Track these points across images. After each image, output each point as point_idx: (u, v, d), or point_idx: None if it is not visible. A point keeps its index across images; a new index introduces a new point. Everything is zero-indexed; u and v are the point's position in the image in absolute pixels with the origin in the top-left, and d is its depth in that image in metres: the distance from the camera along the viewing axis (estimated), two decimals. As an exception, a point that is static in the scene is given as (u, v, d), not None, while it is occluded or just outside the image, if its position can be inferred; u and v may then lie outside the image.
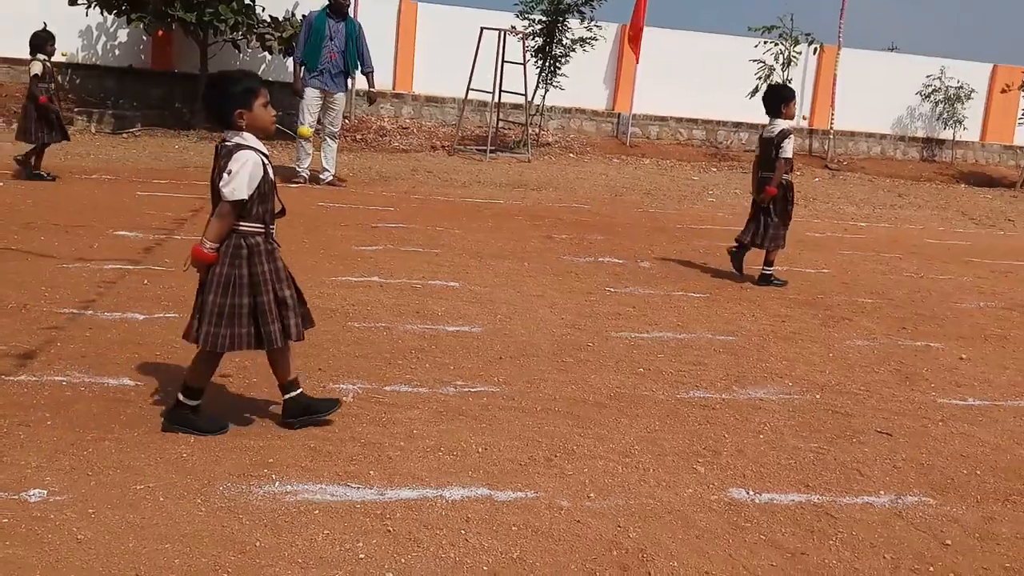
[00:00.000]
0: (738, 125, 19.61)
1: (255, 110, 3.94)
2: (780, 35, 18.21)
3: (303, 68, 11.19)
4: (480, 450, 4.10)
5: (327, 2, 11.23)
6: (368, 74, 11.53)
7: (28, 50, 9.96)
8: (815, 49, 19.40)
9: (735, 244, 8.27)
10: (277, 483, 3.65)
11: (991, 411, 5.23)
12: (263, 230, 3.98)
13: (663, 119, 19.51)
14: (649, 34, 18.55)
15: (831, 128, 19.75)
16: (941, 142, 21.42)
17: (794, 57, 18.33)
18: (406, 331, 5.74)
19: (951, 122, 20.93)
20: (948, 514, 3.85)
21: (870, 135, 20.93)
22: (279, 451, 3.93)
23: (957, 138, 21.28)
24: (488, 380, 5.01)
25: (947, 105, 20.86)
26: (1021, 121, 20.64)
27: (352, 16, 16.29)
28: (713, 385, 5.28)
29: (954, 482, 4.19)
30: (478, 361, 5.31)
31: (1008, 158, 21.63)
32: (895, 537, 3.61)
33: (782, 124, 7.97)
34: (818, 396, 5.22)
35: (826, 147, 19.84)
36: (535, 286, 7.21)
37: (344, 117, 12.54)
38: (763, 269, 8.14)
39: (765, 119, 8.10)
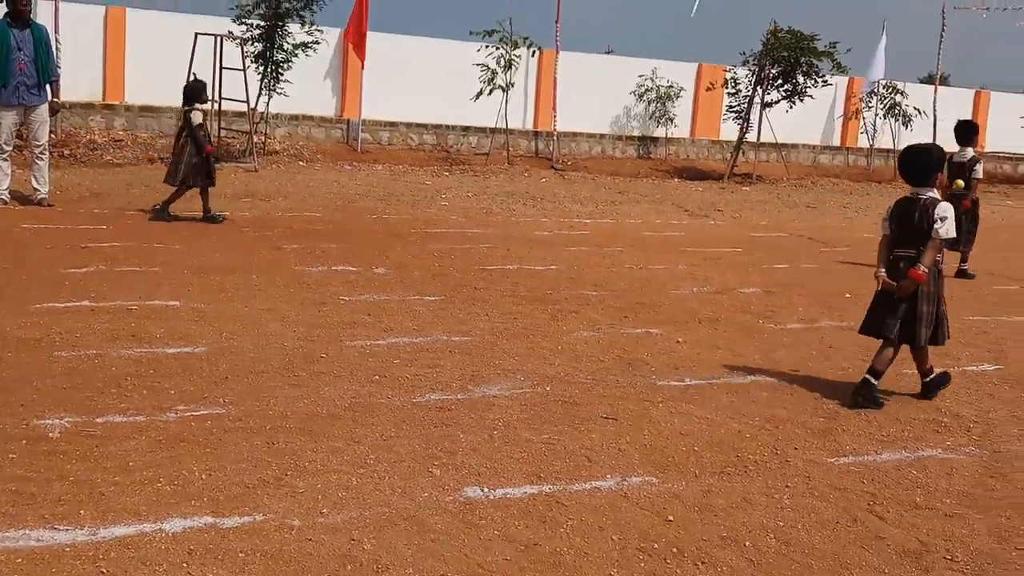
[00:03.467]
0: (467, 129, 19.96)
1: (943, 171, 5.72)
2: (500, 39, 18.69)
3: None
4: (204, 476, 3.88)
5: (7, 10, 10.36)
6: (52, 83, 10.72)
7: (182, 100, 10.49)
8: (534, 52, 20.06)
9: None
10: (-29, 535, 3.29)
11: (706, 389, 5.56)
12: (942, 257, 5.58)
13: (394, 124, 19.54)
14: (373, 39, 18.51)
15: (554, 129, 20.50)
16: (655, 139, 22.77)
17: (514, 60, 18.88)
18: (120, 357, 5.37)
19: (663, 120, 22.32)
20: (670, 491, 4.04)
21: (591, 135, 21.93)
22: (-27, 500, 3.54)
23: (670, 135, 22.70)
24: (213, 402, 4.77)
25: (659, 104, 22.24)
26: (725, 117, 22.31)
27: (53, 22, 15.28)
28: (448, 386, 5.29)
29: (674, 460, 4.41)
30: (201, 383, 5.05)
31: (716, 152, 23.32)
32: (622, 518, 3.74)
33: (971, 151, 10.20)
34: (548, 388, 5.35)
35: (551, 148, 20.58)
36: (264, 300, 6.97)
37: (50, 132, 11.60)
38: (960, 266, 10.20)
39: (491, 123, 8.29)
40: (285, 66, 16.52)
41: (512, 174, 18.07)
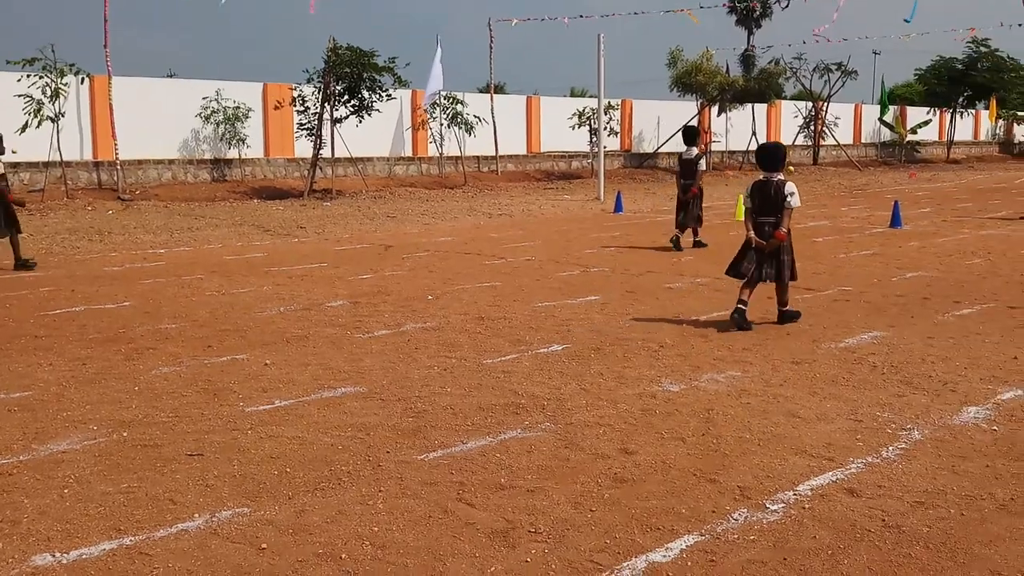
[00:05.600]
0: (16, 165, 18.13)
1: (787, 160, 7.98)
2: (44, 67, 17.26)
3: None
4: None
5: None
6: None
7: None
8: (83, 79, 18.74)
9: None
10: None
11: (297, 408, 5.46)
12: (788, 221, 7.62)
13: (-76, 166, 17.30)
14: None
15: (117, 158, 19.28)
16: (229, 161, 22.24)
17: (62, 89, 17.51)
18: None
19: (235, 141, 21.86)
20: (263, 518, 3.90)
21: (159, 162, 20.93)
22: None
23: (243, 156, 22.29)
24: None
25: (228, 125, 21.74)
26: (298, 135, 22.32)
27: None
28: (8, 449, 4.74)
29: (266, 485, 4.27)
30: None
31: (293, 170, 23.25)
32: (212, 556, 3.55)
33: (695, 150, 12.49)
34: (125, 434, 4.97)
35: (115, 178, 19.34)
36: None
37: None
38: (695, 239, 12.73)
39: (45, 156, 7.55)
40: None
41: (73, 209, 16.76)
